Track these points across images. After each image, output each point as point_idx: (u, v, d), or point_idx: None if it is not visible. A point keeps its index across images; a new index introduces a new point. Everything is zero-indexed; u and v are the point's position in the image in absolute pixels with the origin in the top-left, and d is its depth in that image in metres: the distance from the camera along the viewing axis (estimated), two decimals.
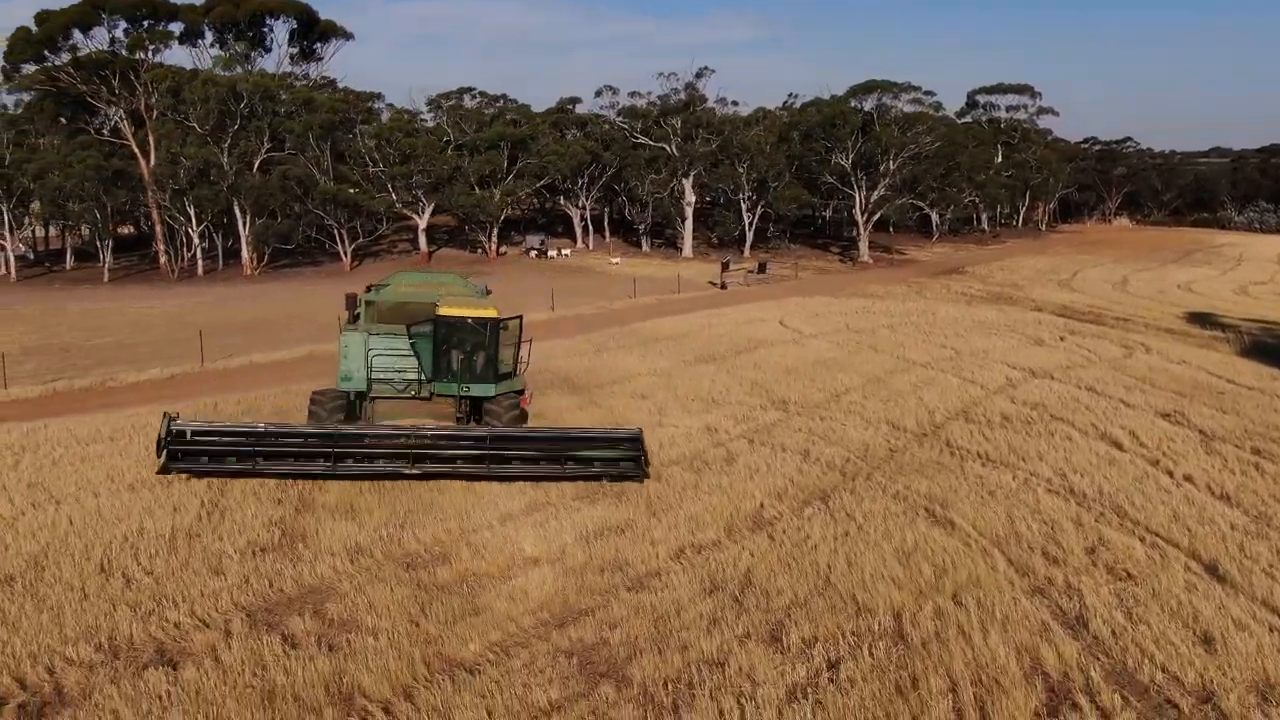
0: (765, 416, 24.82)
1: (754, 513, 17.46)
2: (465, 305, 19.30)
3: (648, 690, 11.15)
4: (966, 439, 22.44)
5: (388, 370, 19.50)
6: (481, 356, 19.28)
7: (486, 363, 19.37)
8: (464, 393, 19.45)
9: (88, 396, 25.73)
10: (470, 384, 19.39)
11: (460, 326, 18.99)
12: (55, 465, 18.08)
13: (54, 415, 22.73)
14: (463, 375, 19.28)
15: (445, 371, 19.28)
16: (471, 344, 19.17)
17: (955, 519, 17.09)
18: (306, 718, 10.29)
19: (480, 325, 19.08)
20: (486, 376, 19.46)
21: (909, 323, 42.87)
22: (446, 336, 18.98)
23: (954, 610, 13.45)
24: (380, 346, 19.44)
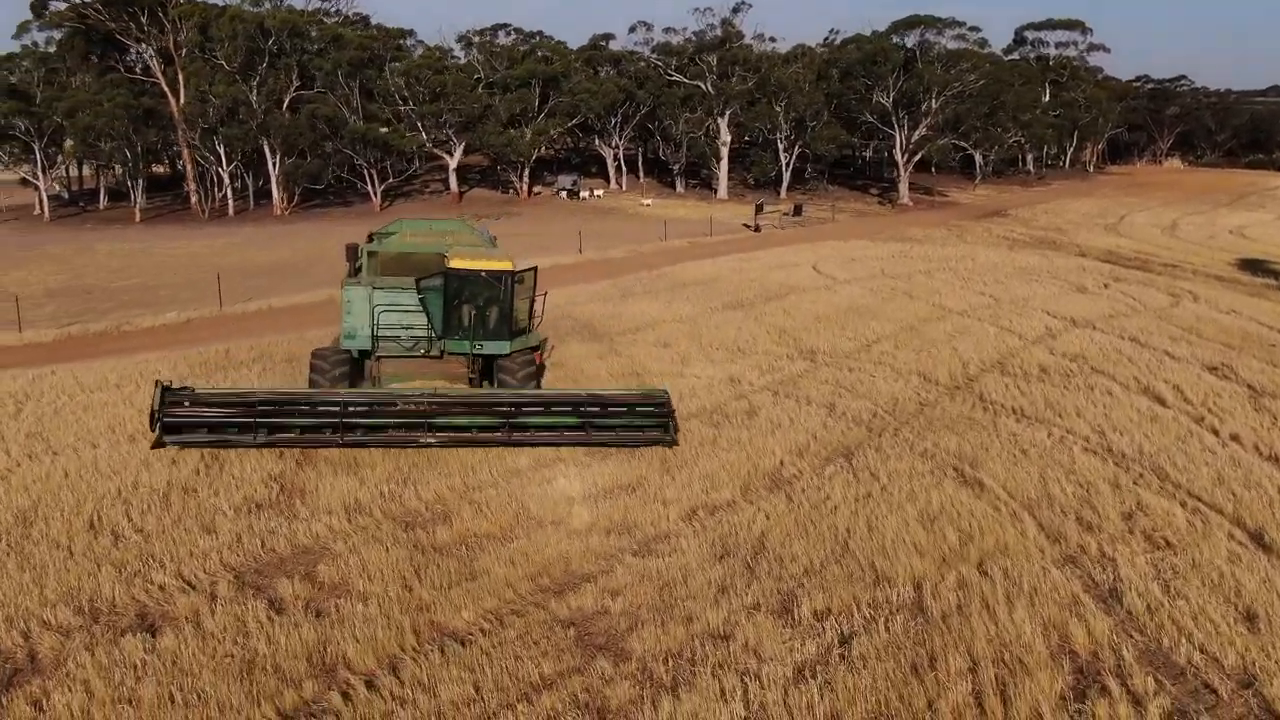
0: (792, 367, 23.98)
1: (773, 471, 16.73)
2: (477, 257, 17.74)
3: (646, 666, 10.53)
4: (1001, 393, 21.49)
5: (394, 327, 18.13)
6: (495, 312, 17.91)
7: (500, 318, 18.00)
8: (477, 350, 18.08)
9: (102, 341, 25.40)
10: (483, 341, 18.01)
11: (472, 280, 17.54)
12: (57, 414, 17.70)
13: (65, 360, 22.41)
14: (475, 332, 17.90)
15: (456, 328, 17.87)
16: (484, 299, 17.78)
17: (985, 479, 16.26)
18: (285, 691, 9.77)
19: (494, 278, 17.63)
20: (500, 333, 18.12)
21: (947, 268, 41.59)
22: (458, 291, 17.54)
23: (978, 581, 12.70)
24: (386, 301, 17.98)
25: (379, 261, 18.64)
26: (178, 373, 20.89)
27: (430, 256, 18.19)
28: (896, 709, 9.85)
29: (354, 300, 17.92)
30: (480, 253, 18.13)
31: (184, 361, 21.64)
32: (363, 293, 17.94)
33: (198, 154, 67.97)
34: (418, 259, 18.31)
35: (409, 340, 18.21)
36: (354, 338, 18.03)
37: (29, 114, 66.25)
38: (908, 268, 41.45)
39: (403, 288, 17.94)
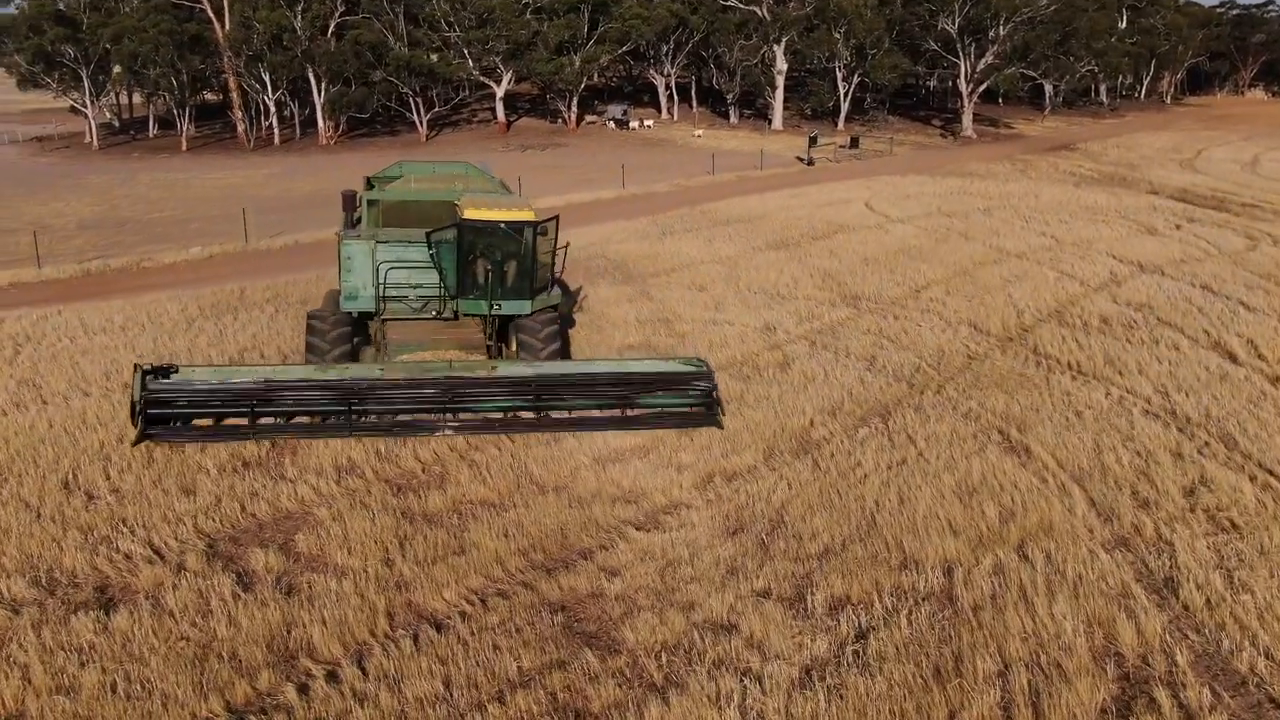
0: (833, 314, 22.61)
1: (801, 432, 15.54)
2: (494, 205, 15.52)
3: (637, 661, 9.54)
4: (1057, 346, 19.95)
5: (402, 286, 15.89)
6: (514, 268, 15.71)
7: (521, 275, 15.80)
8: (495, 311, 15.85)
9: (120, 278, 24.80)
10: (502, 301, 15.77)
11: (490, 232, 15.35)
12: (54, 359, 17.04)
13: (76, 299, 21.81)
14: (493, 290, 15.62)
15: (472, 287, 15.63)
16: (503, 253, 15.57)
17: (1032, 446, 14.93)
18: (237, 683, 8.95)
19: (514, 230, 15.44)
20: (521, 291, 15.87)
21: (1008, 206, 39.51)
22: (473, 244, 15.35)
23: (1017, 566, 11.47)
24: (392, 257, 15.74)
25: (381, 211, 16.33)
26: (186, 314, 20.17)
27: (438, 205, 16.19)
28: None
29: (354, 256, 15.75)
30: (497, 201, 15.99)
31: (195, 302, 20.91)
32: (364, 248, 15.76)
33: (243, 82, 67.21)
34: (424, 208, 16.28)
35: (418, 301, 16.09)
36: (355, 299, 15.87)
37: (76, 40, 65.90)
38: (966, 205, 39.46)
39: (410, 241, 15.77)
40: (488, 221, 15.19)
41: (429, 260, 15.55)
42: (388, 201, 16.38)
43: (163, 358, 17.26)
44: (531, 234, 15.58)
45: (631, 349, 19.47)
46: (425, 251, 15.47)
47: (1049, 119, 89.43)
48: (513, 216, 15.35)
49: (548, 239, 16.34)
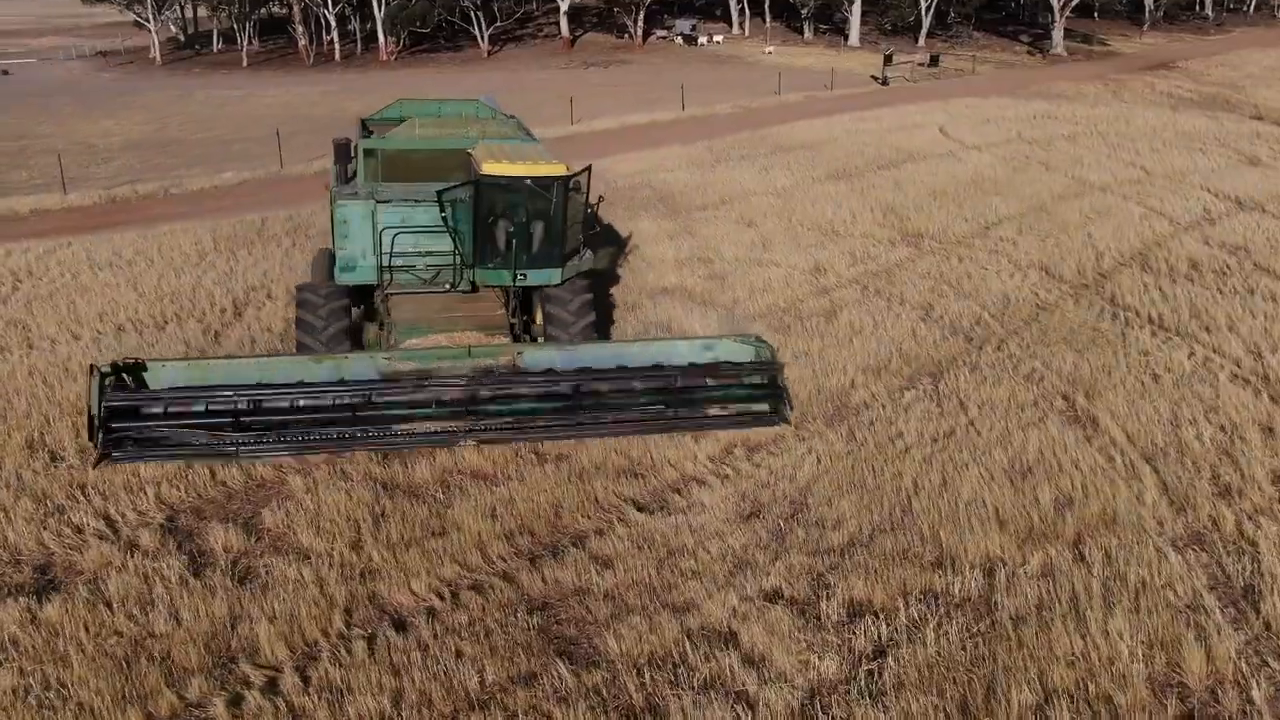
0: (891, 255, 20.85)
1: (839, 394, 14.07)
2: (517, 157, 12.90)
3: (616, 677, 8.37)
4: (1137, 295, 18.00)
5: (409, 255, 13.54)
6: (542, 231, 13.17)
7: (549, 239, 13.26)
8: (520, 283, 13.39)
9: (142, 205, 23.99)
10: (527, 270, 13.28)
11: (514, 189, 12.75)
12: (50, 298, 16.23)
13: (90, 230, 21.04)
14: (516, 258, 13.09)
15: (492, 254, 13.13)
16: (528, 214, 13.02)
17: (1100, 416, 13.28)
18: (163, 692, 8.00)
19: (542, 187, 12.83)
20: (549, 258, 13.34)
21: (1095, 132, 36.69)
22: (493, 205, 12.85)
23: (1070, 568, 10.00)
24: (396, 220, 13.34)
25: (381, 163, 13.73)
26: (198, 248, 19.22)
27: (449, 155, 13.65)
28: None
29: (351, 219, 13.20)
30: (520, 151, 13.35)
31: (210, 234, 19.99)
32: (363, 209, 13.22)
33: None
34: (433, 158, 13.74)
35: (428, 271, 13.74)
36: (353, 270, 13.43)
37: None
38: (1049, 131, 36.74)
39: (417, 200, 13.31)
40: (510, 177, 12.62)
41: (440, 223, 13.11)
42: (389, 151, 13.79)
43: (161, 297, 16.39)
44: (561, 191, 12.95)
45: (664, 293, 18.06)
46: (435, 213, 13.01)
47: (1147, 35, 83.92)
48: (539, 171, 12.78)
49: (580, 195, 13.64)
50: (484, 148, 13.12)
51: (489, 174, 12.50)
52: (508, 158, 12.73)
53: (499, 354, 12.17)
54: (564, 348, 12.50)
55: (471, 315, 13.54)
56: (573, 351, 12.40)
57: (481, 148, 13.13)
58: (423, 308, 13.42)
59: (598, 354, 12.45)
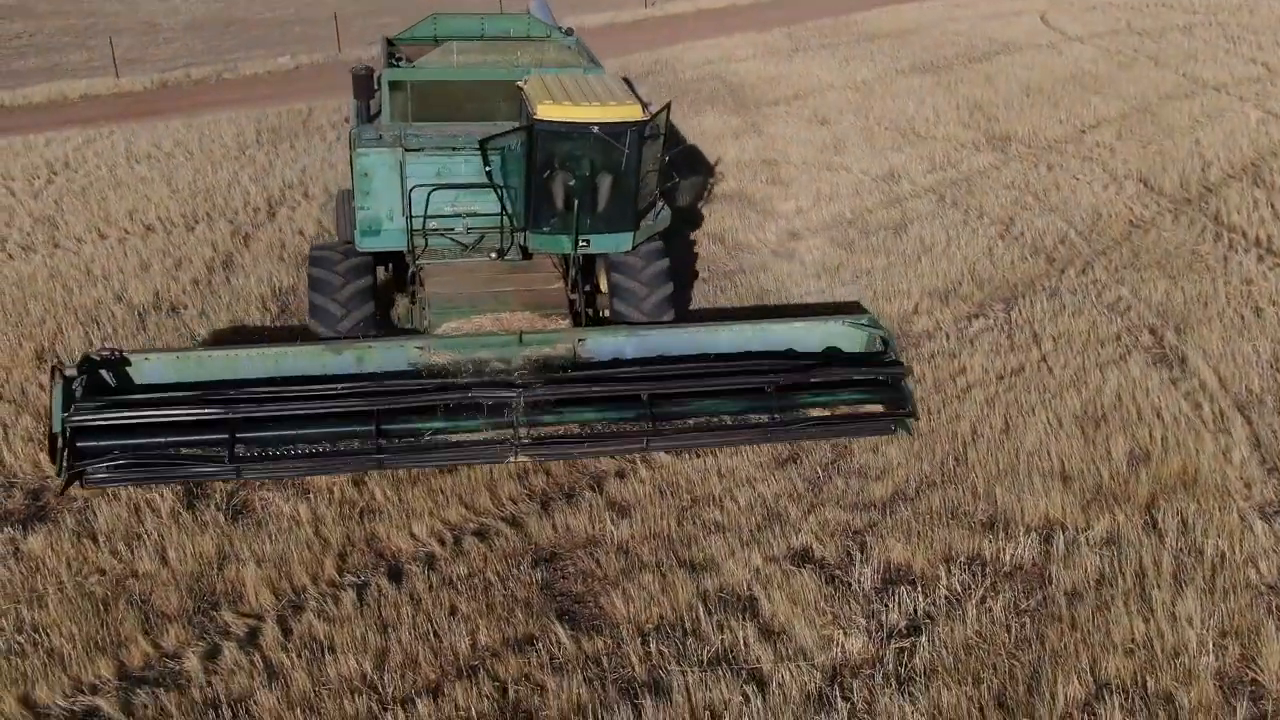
0: (973, 160, 19.27)
1: (899, 320, 12.98)
2: (580, 97, 10.03)
3: (619, 645, 7.70)
4: (1245, 213, 16.28)
5: (446, 216, 10.99)
6: (610, 187, 10.41)
7: (620, 197, 10.52)
8: (583, 249, 10.78)
9: (195, 91, 23.35)
10: (592, 234, 10.68)
11: (577, 138, 10.06)
12: (83, 193, 15.74)
13: (134, 117, 20.51)
14: (579, 220, 10.46)
15: (549, 215, 10.52)
16: (596, 166, 10.30)
17: (1190, 355, 12.00)
18: (137, 639, 7.58)
19: (613, 135, 10.03)
20: (619, 219, 10.66)
21: (1214, 22, 33.60)
22: (550, 156, 10.12)
23: (1140, 537, 8.97)
24: (430, 172, 10.71)
25: (411, 98, 11.17)
26: (240, 140, 18.53)
27: (495, 89, 11.17)
28: None
29: (375, 172, 10.69)
30: (584, 86, 10.42)
31: (254, 125, 19.30)
32: (388, 159, 10.70)
33: None
34: (474, 93, 11.32)
35: (469, 235, 11.17)
36: (378, 233, 10.89)
37: None
38: (1163, 21, 33.79)
39: (455, 148, 10.79)
40: (573, 123, 9.89)
41: (483, 177, 10.59)
42: (420, 84, 11.19)
43: (195, 194, 15.80)
44: (637, 139, 10.16)
45: (720, 200, 16.91)
46: (478, 164, 10.54)
47: None
48: (610, 115, 9.92)
49: (658, 140, 10.81)
50: (538, 82, 10.35)
51: (546, 118, 9.77)
52: (569, 96, 10.00)
53: (556, 341, 9.86)
54: (635, 331, 10.22)
55: (523, 290, 10.98)
56: (645, 336, 10.12)
57: (535, 82, 10.36)
58: (463, 281, 10.93)
59: (676, 339, 10.15)
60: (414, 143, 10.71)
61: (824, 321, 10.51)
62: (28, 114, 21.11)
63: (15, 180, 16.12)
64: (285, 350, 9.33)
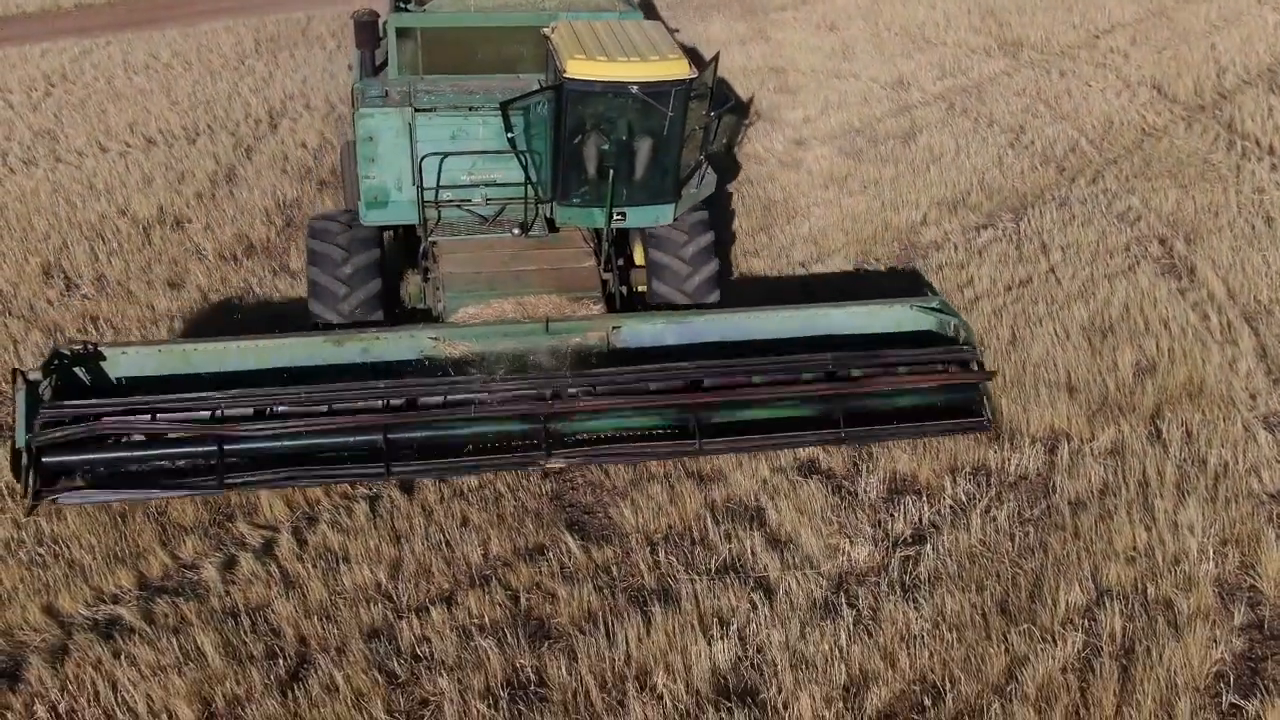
0: (984, 67, 18.91)
1: (907, 231, 12.89)
2: (616, 50, 8.66)
3: (628, 554, 7.84)
4: (1260, 120, 16.03)
5: (463, 186, 9.60)
6: (650, 151, 9.11)
7: (660, 164, 9.24)
8: (618, 223, 9.49)
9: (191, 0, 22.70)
10: (628, 206, 9.38)
11: (614, 98, 8.75)
12: (82, 105, 15.50)
13: (131, 27, 19.98)
14: (615, 190, 9.10)
15: (580, 184, 9.22)
16: (634, 130, 9.00)
17: (1199, 266, 11.95)
18: (154, 553, 7.71)
19: (653, 95, 8.66)
20: (660, 190, 9.42)
21: None
22: (582, 120, 8.84)
23: (1144, 447, 9.06)
24: (443, 135, 9.34)
25: (421, 47, 9.99)
26: (238, 50, 18.14)
27: (517, 35, 10.03)
28: (957, 678, 6.85)
29: (380, 136, 9.30)
30: (620, 35, 8.94)
31: (253, 34, 18.88)
32: (395, 121, 9.30)
33: None
34: (494, 40, 10.13)
35: (489, 208, 9.82)
36: (384, 205, 9.55)
37: None
38: None
39: (471, 107, 9.46)
40: (609, 83, 8.51)
41: (505, 143, 9.05)
42: (431, 30, 9.97)
43: (195, 105, 15.56)
44: (682, 99, 8.76)
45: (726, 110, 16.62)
46: (499, 126, 8.96)
47: None
48: (651, 73, 8.52)
49: (704, 100, 9.58)
50: (567, 30, 8.97)
51: (577, 76, 8.45)
52: (603, 49, 8.61)
53: (588, 329, 8.78)
54: (676, 317, 9.00)
55: (549, 269, 9.67)
56: (688, 322, 8.94)
57: (564, 30, 8.99)
58: (481, 260, 9.60)
59: (723, 325, 8.99)
60: (425, 101, 9.39)
61: (888, 305, 9.31)
62: (21, 23, 20.69)
63: (13, 93, 15.89)
64: (281, 342, 8.24)
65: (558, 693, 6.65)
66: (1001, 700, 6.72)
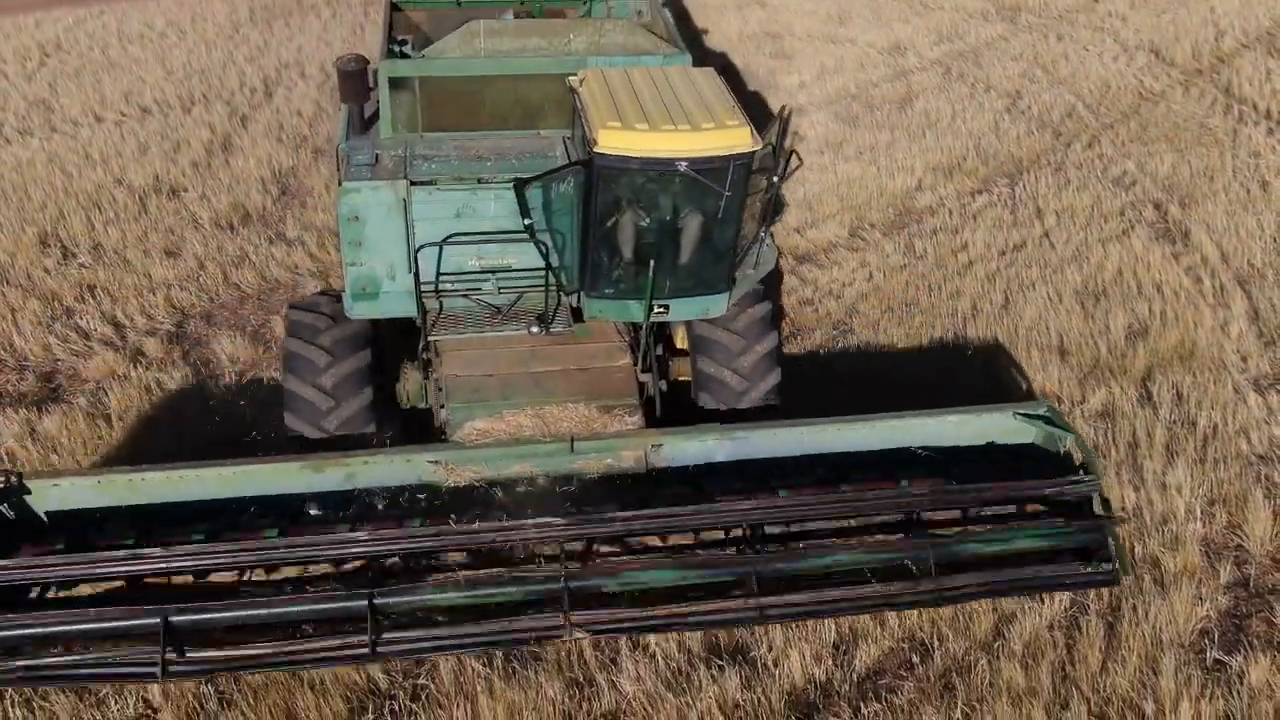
0: (982, 31, 18.81)
1: (903, 197, 12.89)
2: (661, 112, 6.86)
3: None
4: (1257, 84, 15.98)
5: (469, 274, 7.85)
6: (701, 234, 7.27)
7: (715, 249, 7.43)
8: (658, 316, 7.66)
9: None
10: (672, 298, 7.53)
11: (658, 178, 6.93)
12: (76, 75, 15.43)
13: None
14: (656, 280, 7.29)
15: (613, 270, 7.42)
16: (681, 210, 7.16)
17: (1194, 230, 11.98)
18: None
19: (711, 173, 6.83)
20: (711, 278, 7.57)
21: None
22: (618, 198, 7.02)
23: (1133, 410, 9.15)
24: (446, 213, 7.58)
25: (421, 101, 7.90)
26: (233, 18, 18.01)
27: (538, 85, 7.90)
28: (945, 635, 6.95)
29: (368, 214, 7.52)
30: (665, 91, 7.17)
31: (245, 2, 18.70)
32: (387, 198, 7.49)
33: None
34: (508, 94, 8.00)
35: (502, 295, 7.96)
36: (374, 296, 7.77)
37: None
38: None
39: (480, 181, 7.59)
40: (652, 160, 6.72)
41: (519, 221, 6.95)
42: (432, 80, 7.85)
43: (190, 75, 15.50)
44: (743, 174, 6.91)
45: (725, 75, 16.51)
46: (512, 204, 6.97)
47: None
48: (706, 146, 6.70)
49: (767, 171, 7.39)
50: (599, 83, 7.22)
51: (612, 152, 6.67)
52: (644, 112, 6.84)
53: (621, 448, 7.19)
54: (727, 433, 7.26)
55: (575, 370, 7.96)
56: (742, 437, 7.24)
57: (595, 82, 7.24)
58: (493, 358, 7.90)
59: (782, 440, 7.27)
60: (423, 172, 7.57)
61: (981, 413, 7.46)
62: None
63: (7, 63, 15.84)
64: (247, 469, 6.71)
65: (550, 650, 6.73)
66: (989, 657, 6.85)
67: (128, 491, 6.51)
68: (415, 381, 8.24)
